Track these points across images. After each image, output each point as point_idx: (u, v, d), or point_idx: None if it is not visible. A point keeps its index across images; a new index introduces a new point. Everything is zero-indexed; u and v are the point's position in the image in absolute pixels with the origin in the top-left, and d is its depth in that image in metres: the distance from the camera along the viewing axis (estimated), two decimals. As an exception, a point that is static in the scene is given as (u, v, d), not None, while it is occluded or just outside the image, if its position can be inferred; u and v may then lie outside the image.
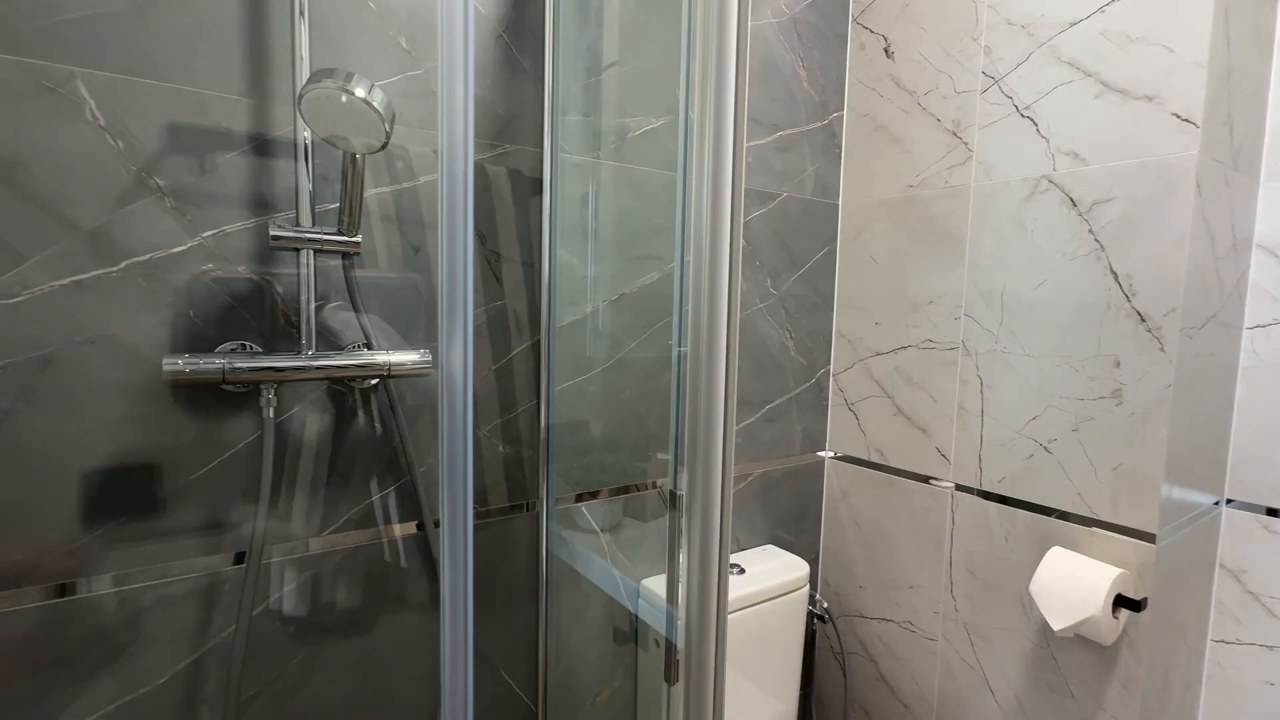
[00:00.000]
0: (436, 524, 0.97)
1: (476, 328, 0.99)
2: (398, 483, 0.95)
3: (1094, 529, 1.04)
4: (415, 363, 0.85)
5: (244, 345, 0.82)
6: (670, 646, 0.82)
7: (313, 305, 0.82)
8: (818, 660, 1.53)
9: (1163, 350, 0.95)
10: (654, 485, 1.22)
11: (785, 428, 1.40)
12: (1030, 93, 1.07)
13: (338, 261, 0.86)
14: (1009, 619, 1.16)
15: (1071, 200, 1.03)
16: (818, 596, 1.50)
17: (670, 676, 0.77)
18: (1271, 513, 1.09)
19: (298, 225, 0.81)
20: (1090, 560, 1.01)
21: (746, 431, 1.34)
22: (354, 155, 0.75)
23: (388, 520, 0.95)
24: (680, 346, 1.14)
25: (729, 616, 1.05)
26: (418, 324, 0.94)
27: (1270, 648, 1.09)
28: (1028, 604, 1.13)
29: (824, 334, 1.44)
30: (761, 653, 1.25)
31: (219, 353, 0.78)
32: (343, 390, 0.89)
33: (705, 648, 0.40)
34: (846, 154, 1.40)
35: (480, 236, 0.98)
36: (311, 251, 0.81)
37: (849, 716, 1.46)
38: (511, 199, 1.01)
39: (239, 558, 0.84)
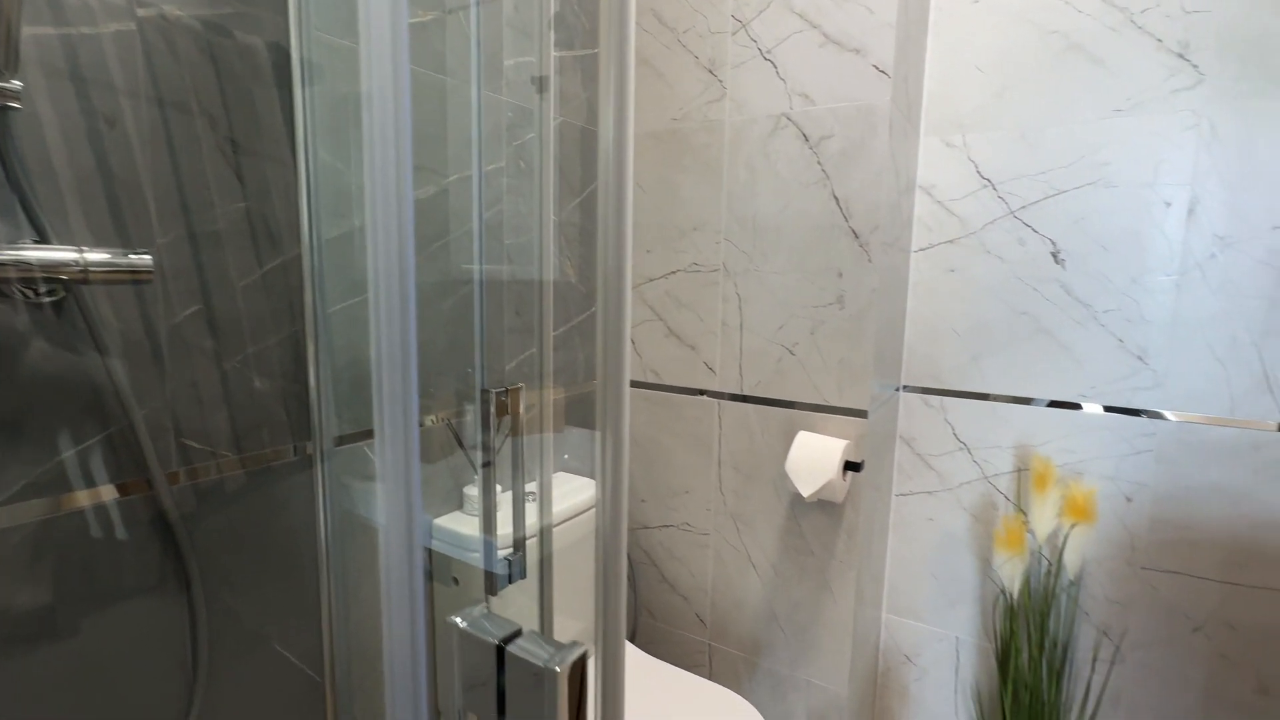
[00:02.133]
0: (173, 478, 0.78)
1: (211, 235, 0.80)
2: (105, 432, 0.73)
3: (826, 414, 1.27)
4: (129, 265, 0.65)
5: None
6: (489, 574, 0.78)
7: (-60, 177, 0.57)
8: (606, 578, 1.61)
9: (870, 261, 1.19)
10: (440, 419, 1.14)
11: (568, 356, 1.42)
12: (771, 38, 1.22)
13: (-21, 120, 0.61)
14: (766, 501, 1.36)
15: (804, 136, 1.21)
16: (604, 517, 1.57)
17: (492, 589, 0.74)
18: (926, 391, 1.45)
19: (-101, 54, 0.55)
20: (826, 437, 1.23)
21: (531, 361, 1.32)
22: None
23: (90, 482, 0.72)
24: (478, 265, 1.07)
25: (533, 540, 1.04)
26: (114, 220, 0.72)
27: (930, 493, 1.46)
28: (779, 485, 1.34)
29: (600, 264, 1.48)
30: (560, 576, 1.27)
31: None
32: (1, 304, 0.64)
33: (618, 561, 0.41)
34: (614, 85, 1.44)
35: (210, 120, 0.78)
36: (-69, 96, 0.55)
37: (638, 621, 1.58)
38: (253, 78, 0.82)
39: None
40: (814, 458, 1.20)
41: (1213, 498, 1.17)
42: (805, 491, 1.18)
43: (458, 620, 0.42)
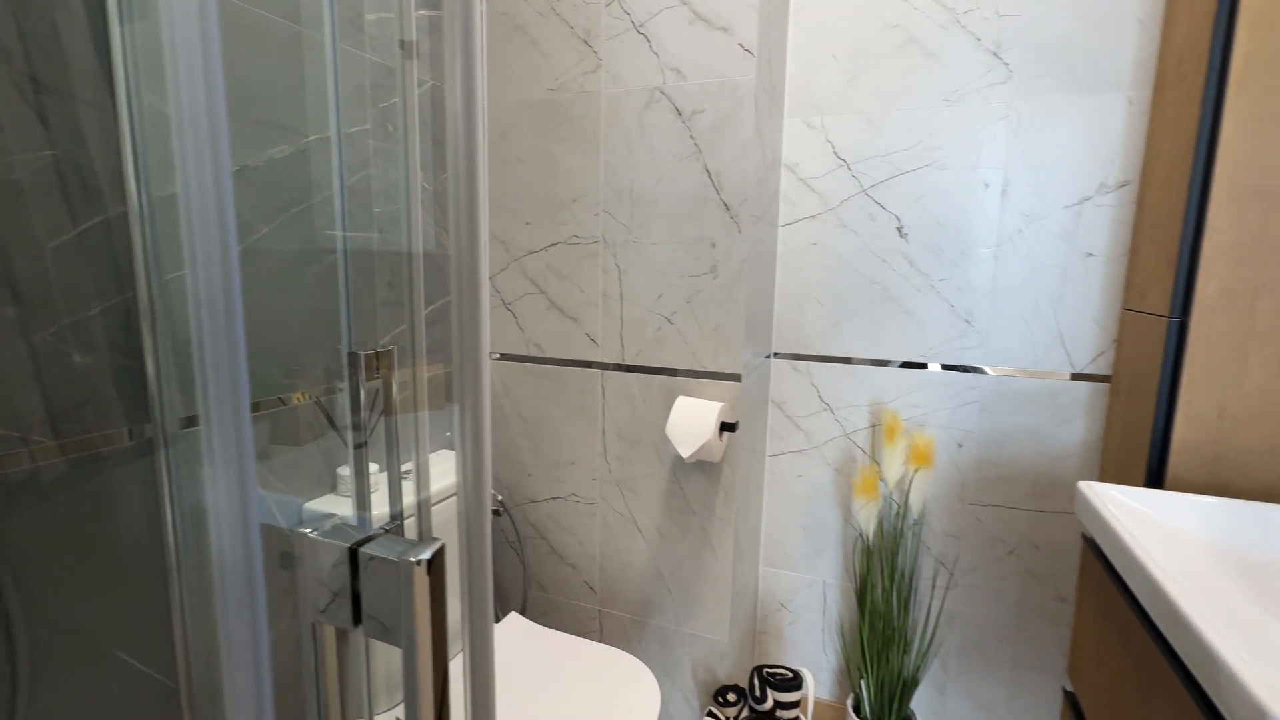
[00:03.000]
0: (-28, 467, 0.67)
1: (9, 185, 0.69)
2: (-125, 418, 0.61)
3: (703, 379, 1.33)
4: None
5: None
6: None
7: None
8: (495, 553, 1.59)
9: (740, 232, 1.25)
10: (309, 397, 1.07)
11: (445, 331, 1.38)
12: (643, 12, 1.25)
13: None
14: (648, 466, 1.41)
15: (677, 110, 1.25)
16: (492, 493, 1.55)
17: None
18: (795, 357, 1.56)
19: None
20: (703, 400, 1.29)
21: (404, 336, 1.26)
22: None
23: None
24: (341, 231, 1.01)
25: (410, 521, 1.01)
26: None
27: (800, 451, 1.58)
28: (662, 450, 1.39)
29: (478, 235, 1.44)
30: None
31: None
32: None
33: (481, 540, 0.40)
34: (489, 52, 1.40)
35: (2, 51, 0.67)
36: None
37: (528, 595, 1.58)
38: (56, 6, 0.71)
39: None
40: (692, 420, 1.25)
41: (1022, 439, 1.36)
42: (685, 452, 1.23)
43: (306, 531, 0.40)
